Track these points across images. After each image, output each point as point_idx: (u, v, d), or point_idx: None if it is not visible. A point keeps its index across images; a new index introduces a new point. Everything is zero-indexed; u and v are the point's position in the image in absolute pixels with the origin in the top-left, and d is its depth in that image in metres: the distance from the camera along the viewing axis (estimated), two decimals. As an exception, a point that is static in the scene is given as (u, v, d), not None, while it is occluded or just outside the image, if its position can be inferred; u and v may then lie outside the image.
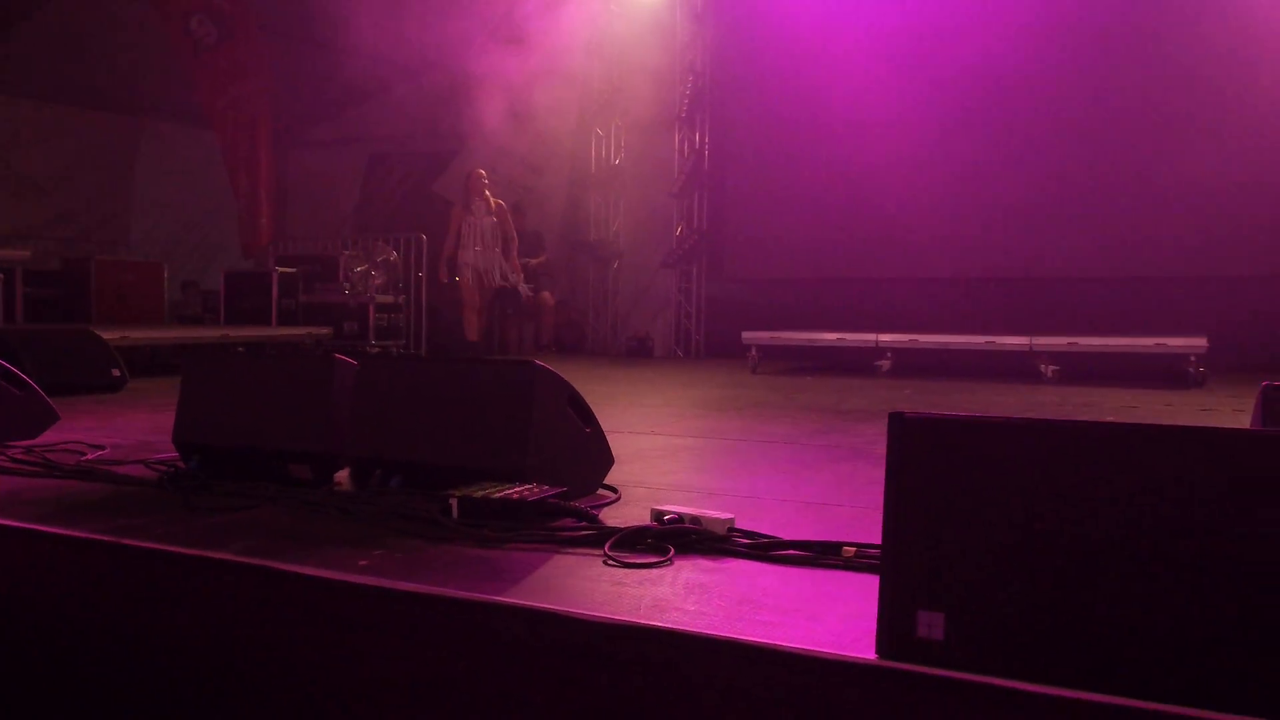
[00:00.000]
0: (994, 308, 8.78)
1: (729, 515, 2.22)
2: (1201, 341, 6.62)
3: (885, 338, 7.61)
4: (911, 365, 7.84)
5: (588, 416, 2.67)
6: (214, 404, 2.88)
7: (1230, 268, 8.48)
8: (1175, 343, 6.71)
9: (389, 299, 10.34)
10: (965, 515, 1.49)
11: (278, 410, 2.72)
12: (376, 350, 9.08)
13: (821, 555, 2.07)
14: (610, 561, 2.02)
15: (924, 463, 1.53)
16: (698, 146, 10.78)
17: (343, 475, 2.70)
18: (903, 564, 1.52)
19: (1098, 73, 8.76)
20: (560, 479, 2.41)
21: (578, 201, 11.37)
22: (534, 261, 9.87)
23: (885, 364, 7.64)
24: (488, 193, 8.92)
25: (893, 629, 1.51)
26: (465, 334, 8.91)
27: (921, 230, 9.00)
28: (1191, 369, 6.68)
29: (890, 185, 9.02)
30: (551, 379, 2.55)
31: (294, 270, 10.26)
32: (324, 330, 9.41)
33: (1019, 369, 7.39)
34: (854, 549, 2.03)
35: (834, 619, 1.71)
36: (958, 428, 1.52)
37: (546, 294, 10.47)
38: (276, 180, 11.75)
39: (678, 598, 1.80)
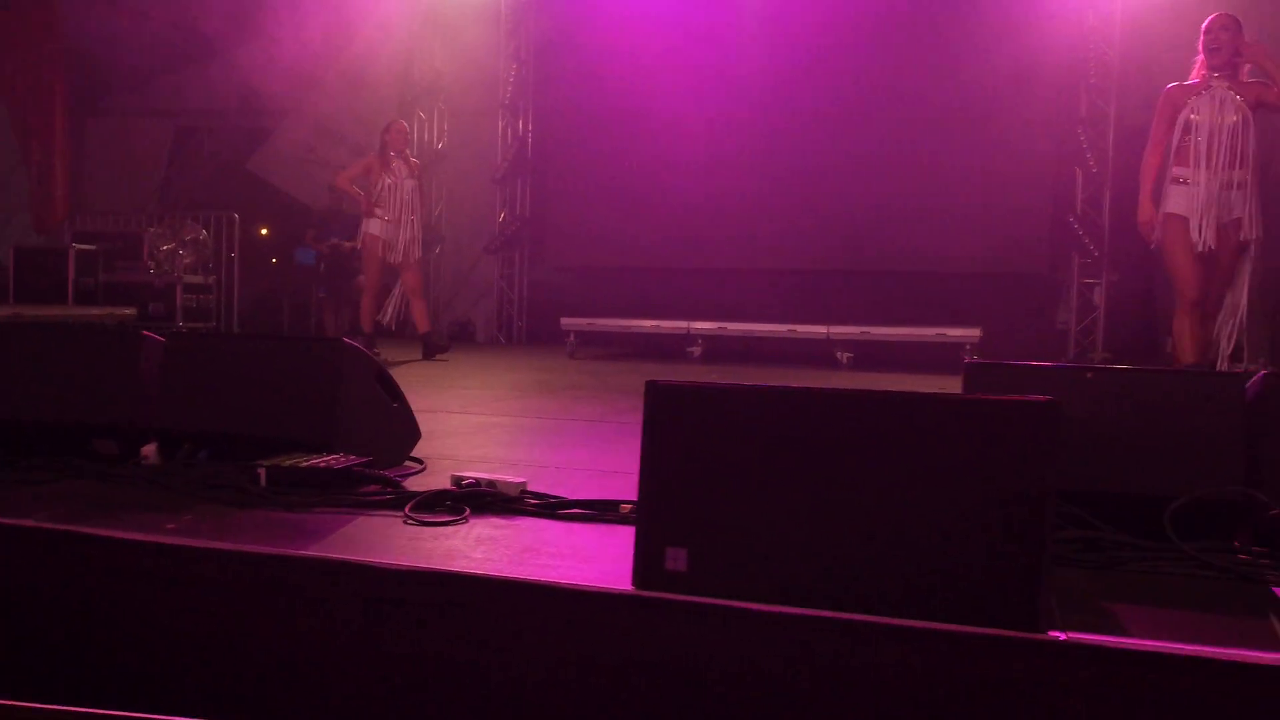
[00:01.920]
0: (799, 297, 9.37)
1: (522, 480, 2.47)
2: (976, 332, 7.36)
3: (697, 325, 8.05)
4: (722, 351, 8.32)
5: (394, 392, 2.87)
6: (11, 378, 2.89)
7: (1004, 266, 9.36)
8: (953, 333, 7.42)
9: (198, 279, 10.06)
10: (704, 466, 1.80)
11: (82, 385, 2.78)
12: (184, 332, 8.85)
13: (601, 513, 2.36)
14: (410, 521, 2.23)
15: (671, 423, 1.82)
16: (521, 134, 10.96)
17: (150, 450, 2.78)
18: (654, 508, 1.82)
19: (895, 72, 9.45)
20: (367, 450, 2.60)
21: (399, 185, 11.34)
22: (348, 244, 9.80)
23: (696, 350, 8.08)
24: (408, 151, 7.76)
25: (645, 563, 1.81)
26: (360, 321, 7.82)
27: (732, 223, 9.50)
28: (967, 356, 7.40)
29: (704, 179, 9.49)
30: (359, 355, 2.73)
31: (93, 247, 9.84)
32: (127, 311, 9.08)
33: (819, 356, 7.96)
34: (630, 506, 2.32)
35: (606, 561, 1.99)
36: (699, 393, 1.82)
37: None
38: (74, 151, 11.18)
39: (469, 548, 2.04)
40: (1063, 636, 1.68)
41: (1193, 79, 4.75)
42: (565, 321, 8.25)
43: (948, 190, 9.34)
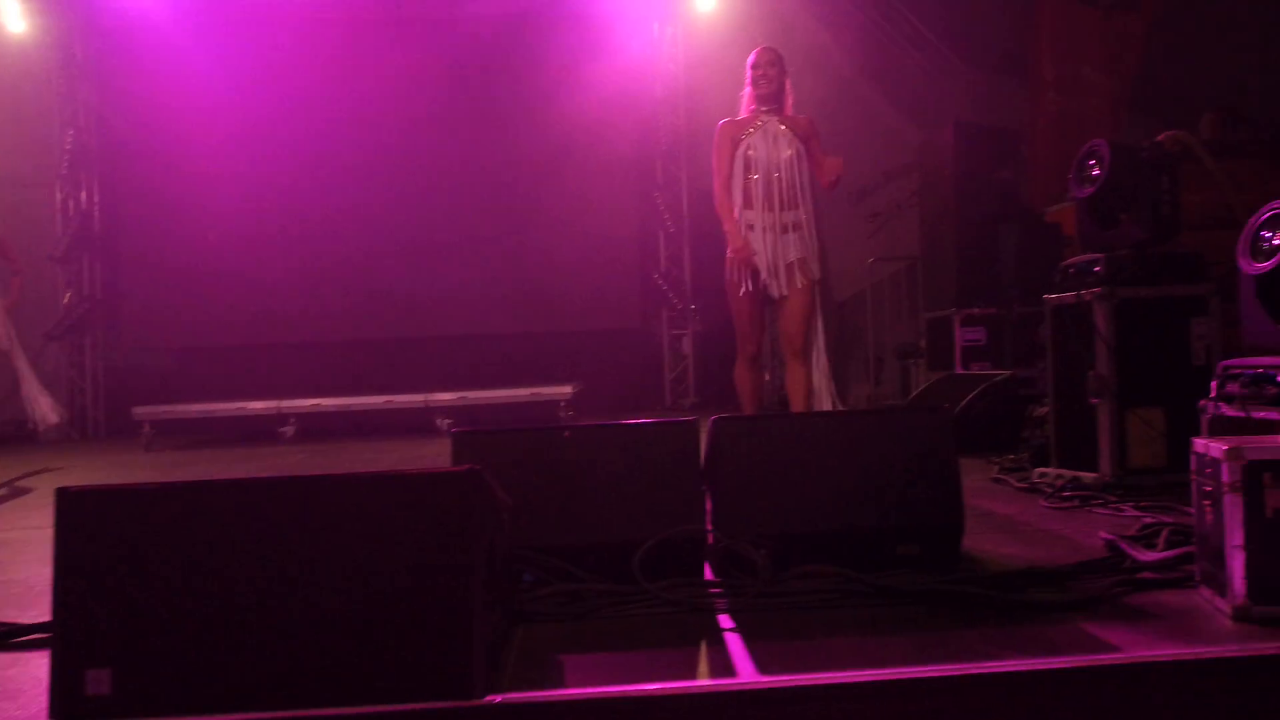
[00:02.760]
0: (401, 366, 9.30)
1: (-31, 608, 2.21)
2: (568, 389, 7.68)
3: (288, 404, 7.73)
4: (317, 429, 8.04)
5: None
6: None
7: (600, 323, 9.90)
8: (548, 391, 7.71)
9: None
10: (125, 574, 1.70)
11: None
12: None
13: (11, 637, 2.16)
14: None
15: (87, 531, 1.71)
16: (85, 206, 10.04)
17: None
18: (71, 629, 1.69)
19: (483, 145, 9.73)
20: None
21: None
22: None
23: (289, 430, 7.75)
24: None
25: (63, 691, 1.67)
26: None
27: (328, 295, 9.28)
28: (563, 413, 7.71)
29: (287, 250, 9.21)
30: None
31: None
32: None
33: (420, 424, 7.93)
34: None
35: (37, 691, 1.81)
36: (114, 497, 1.73)
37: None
38: None
39: None
40: (499, 699, 1.76)
41: (743, 114, 4.49)
42: (138, 411, 7.59)
43: (544, 256, 9.75)
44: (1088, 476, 3.63)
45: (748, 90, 4.48)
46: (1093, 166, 3.80)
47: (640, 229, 10.47)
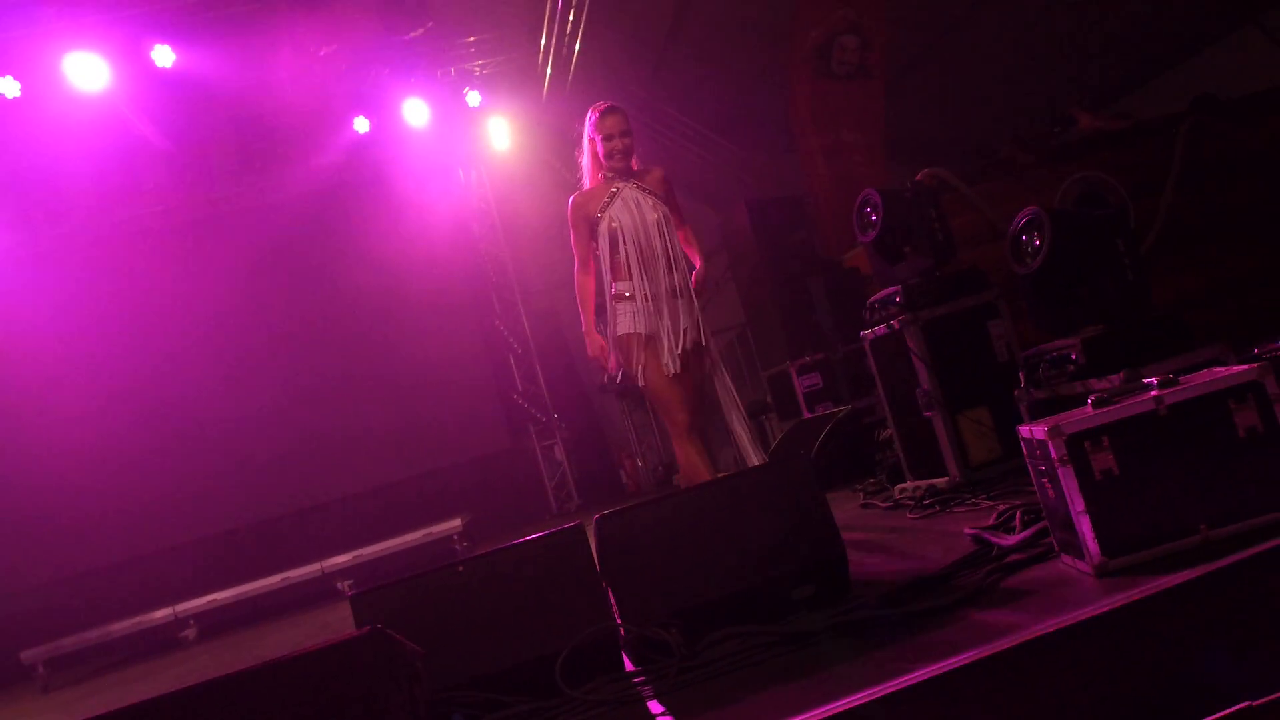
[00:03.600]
0: (292, 540, 8.84)
1: None
2: (457, 522, 7.45)
3: (184, 606, 7.20)
4: (220, 623, 7.51)
5: None
6: None
7: (475, 452, 9.71)
8: (438, 529, 7.45)
9: None
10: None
11: None
12: None
13: None
14: None
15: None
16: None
17: None
18: None
19: (335, 307, 9.52)
20: None
21: None
22: None
23: (190, 633, 7.21)
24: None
25: None
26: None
27: (198, 488, 8.80)
28: (458, 545, 7.46)
29: (151, 454, 8.72)
30: None
31: None
32: None
33: (322, 591, 7.52)
34: None
35: None
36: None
37: None
38: None
39: None
40: None
41: (589, 183, 3.92)
42: (26, 654, 6.91)
43: (407, 403, 9.52)
44: (940, 482, 3.74)
45: (590, 161, 3.90)
46: (870, 213, 4.00)
47: (490, 356, 10.42)
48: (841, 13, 7.75)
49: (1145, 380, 2.18)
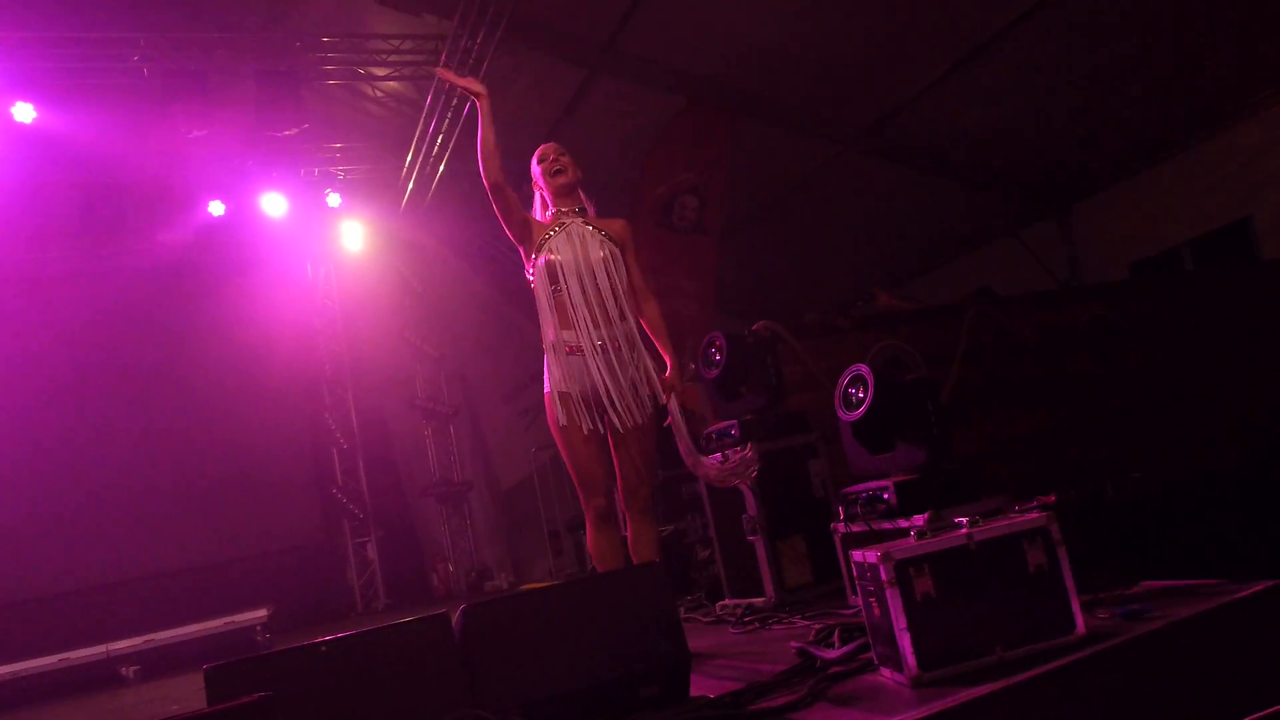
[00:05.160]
0: (75, 620, 7.95)
1: None
2: (262, 612, 6.96)
3: (-60, 685, 6.29)
4: (-15, 706, 6.59)
5: None
6: None
7: (287, 543, 9.17)
8: (241, 617, 6.93)
9: None
10: None
11: None
12: None
13: None
14: None
15: None
16: None
17: None
18: None
19: (157, 390, 8.90)
20: None
21: None
22: None
23: (-58, 714, 6.28)
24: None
25: None
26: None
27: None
28: (260, 638, 6.93)
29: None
30: None
31: None
32: None
33: (104, 677, 6.76)
34: None
35: None
36: None
37: None
38: None
39: None
40: None
41: (540, 217, 3.39)
42: None
43: (222, 486, 8.98)
44: (759, 601, 3.90)
45: (540, 191, 3.40)
46: (715, 353, 4.26)
47: (314, 448, 10.01)
48: (686, 175, 8.32)
49: (956, 519, 2.43)
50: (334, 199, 9.39)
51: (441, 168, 8.99)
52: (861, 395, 3.36)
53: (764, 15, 6.78)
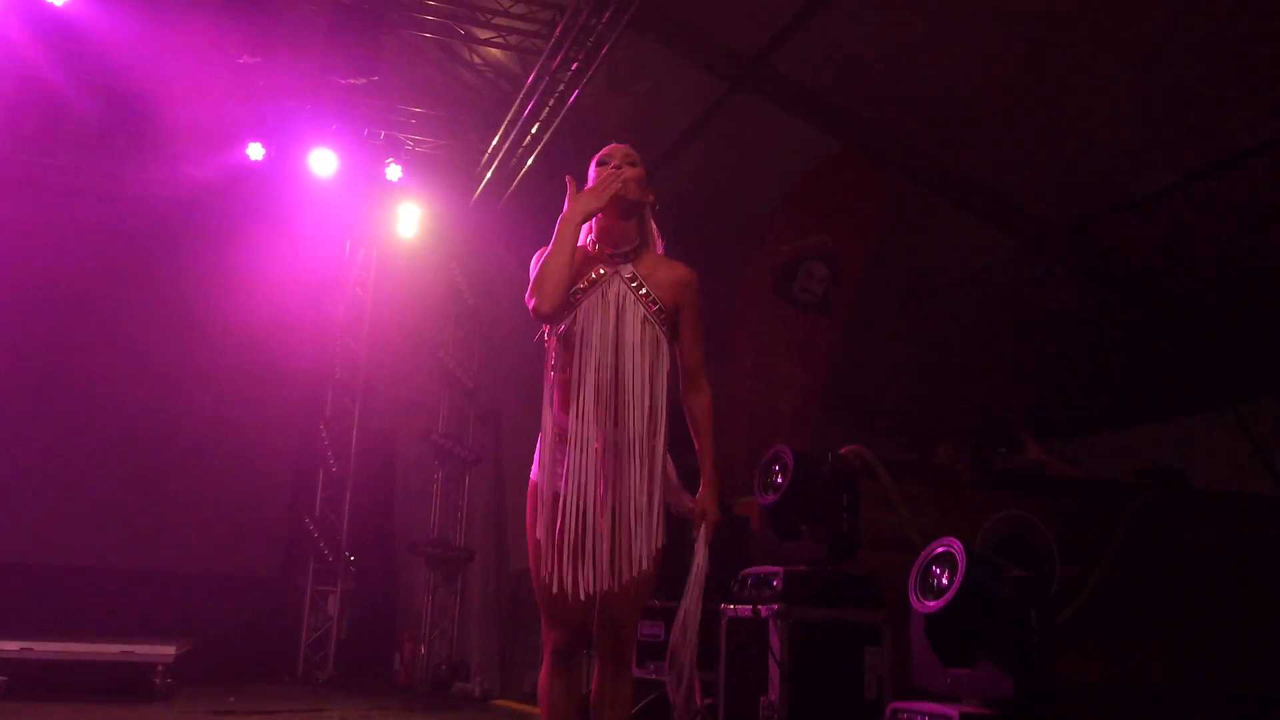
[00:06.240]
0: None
1: None
2: (170, 650, 6.82)
3: None
4: None
5: None
6: None
7: (223, 564, 9.07)
8: (142, 650, 6.81)
9: None
10: None
11: None
12: None
13: None
14: None
15: None
16: None
17: None
18: None
19: (132, 359, 8.99)
20: None
21: None
22: None
23: None
24: None
25: None
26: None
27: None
28: (158, 680, 6.80)
29: None
30: None
31: None
32: None
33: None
34: None
35: None
36: None
37: None
38: None
39: None
40: None
41: (581, 241, 3.04)
42: None
43: (180, 478, 8.97)
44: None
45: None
46: (777, 473, 3.96)
47: (299, 463, 9.97)
48: (821, 238, 8.05)
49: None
50: (395, 171, 9.44)
51: (530, 161, 8.95)
52: (945, 582, 3.01)
53: (958, 55, 6.51)
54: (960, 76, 6.63)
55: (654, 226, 3.17)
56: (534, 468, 3.03)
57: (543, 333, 3.08)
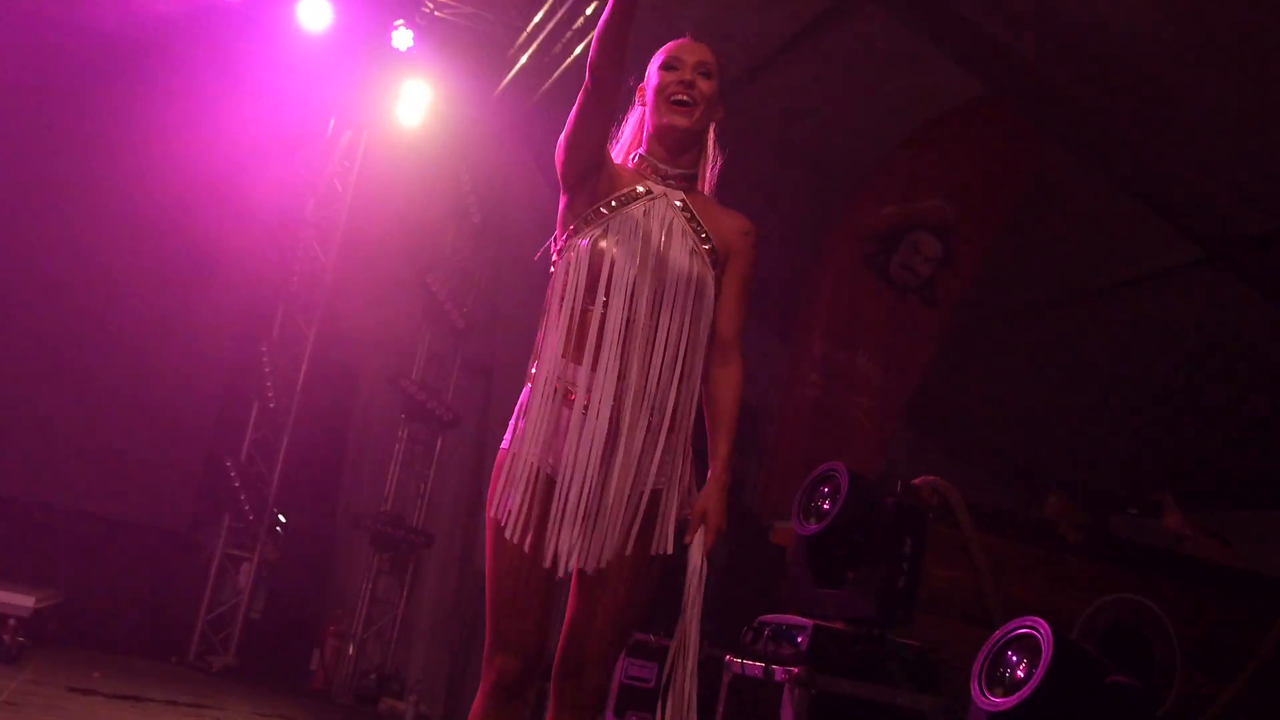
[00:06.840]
0: None
1: None
2: (28, 601, 6.84)
3: None
4: None
5: None
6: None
7: (114, 504, 9.12)
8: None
9: None
10: None
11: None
12: None
13: None
14: None
15: None
16: None
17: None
18: None
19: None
20: None
21: None
22: None
23: None
24: None
25: None
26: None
27: None
28: (7, 636, 6.82)
29: None
30: None
31: None
32: None
33: None
34: None
35: None
36: None
37: None
38: None
39: None
40: None
41: (619, 157, 3.05)
42: None
43: (78, 381, 9.00)
44: None
45: (633, 126, 3.09)
46: (825, 496, 3.88)
47: (229, 390, 9.99)
48: (937, 203, 7.90)
49: None
50: (404, 38, 9.38)
51: (579, 50, 8.87)
52: (1022, 675, 2.93)
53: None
54: (1163, 44, 6.46)
55: (714, 146, 3.12)
56: (508, 433, 2.89)
57: (554, 248, 2.98)
